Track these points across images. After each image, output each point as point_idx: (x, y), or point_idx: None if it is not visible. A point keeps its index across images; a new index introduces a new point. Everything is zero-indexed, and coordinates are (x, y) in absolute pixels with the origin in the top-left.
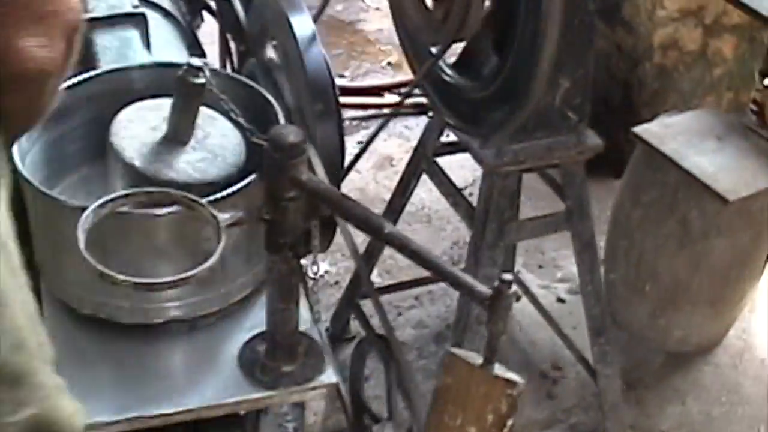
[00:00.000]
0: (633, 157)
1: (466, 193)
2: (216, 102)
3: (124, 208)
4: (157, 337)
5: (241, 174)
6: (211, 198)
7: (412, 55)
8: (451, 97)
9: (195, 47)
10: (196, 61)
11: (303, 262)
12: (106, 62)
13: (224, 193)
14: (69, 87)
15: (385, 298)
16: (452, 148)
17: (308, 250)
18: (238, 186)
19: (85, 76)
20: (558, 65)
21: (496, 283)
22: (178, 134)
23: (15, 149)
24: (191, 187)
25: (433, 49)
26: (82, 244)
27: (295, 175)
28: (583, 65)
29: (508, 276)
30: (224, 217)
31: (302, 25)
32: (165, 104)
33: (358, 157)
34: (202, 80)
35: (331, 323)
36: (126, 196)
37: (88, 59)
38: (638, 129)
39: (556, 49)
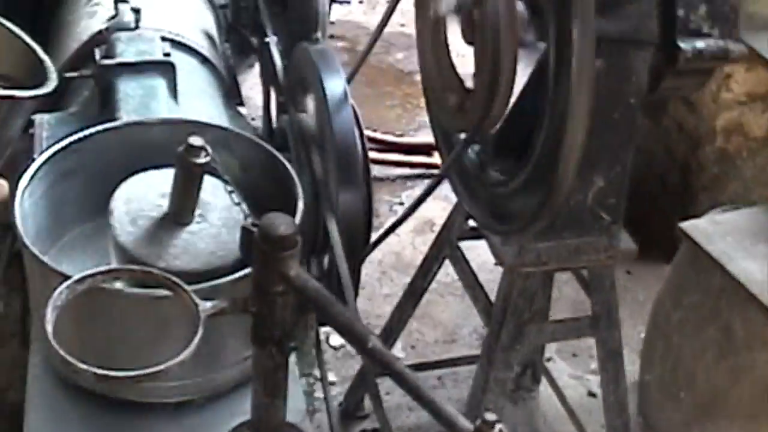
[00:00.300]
0: (678, 253)
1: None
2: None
3: (118, 285)
4: (141, 414)
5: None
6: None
7: (440, 138)
8: (475, 187)
9: (233, 95)
10: (197, 141)
11: (324, 329)
12: (127, 111)
13: (209, 284)
14: (77, 140)
15: None
16: (478, 233)
17: (296, 347)
18: (224, 280)
19: (92, 130)
20: (591, 162)
21: (478, 422)
22: (178, 214)
23: (17, 203)
24: (183, 274)
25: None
26: (49, 326)
27: (282, 269)
28: (619, 162)
29: (491, 416)
30: (205, 306)
31: (334, 86)
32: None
33: (398, 223)
34: (202, 160)
35: (346, 398)
36: (106, 272)
37: (110, 107)
38: (686, 225)
39: (586, 145)
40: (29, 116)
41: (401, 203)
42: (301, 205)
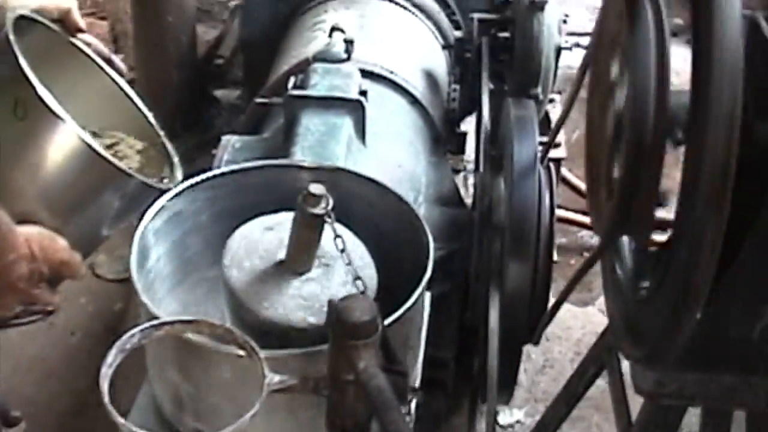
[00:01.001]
0: None
1: None
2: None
3: (191, 336)
4: None
5: None
6: (275, 353)
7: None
8: (615, 289)
9: (440, 142)
10: (317, 189)
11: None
12: (303, 147)
13: (284, 352)
14: (203, 180)
15: None
16: None
17: None
18: (301, 351)
19: (217, 172)
20: (760, 289)
21: None
22: (293, 263)
23: (138, 234)
24: (287, 327)
25: None
26: (106, 368)
27: (352, 358)
28: None
29: None
30: (273, 379)
31: (524, 150)
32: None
33: (556, 307)
34: (320, 211)
35: None
36: (185, 322)
37: (289, 140)
38: None
39: (751, 269)
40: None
41: None
42: (430, 266)
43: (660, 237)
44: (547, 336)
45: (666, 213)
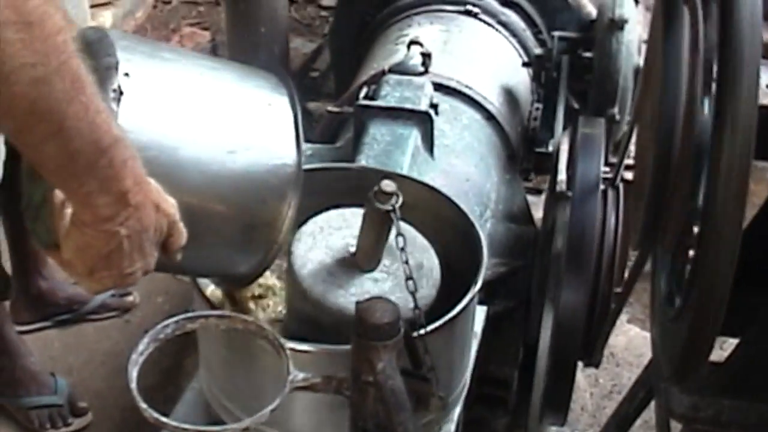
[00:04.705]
0: None
1: None
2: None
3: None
4: None
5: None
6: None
7: None
8: (657, 308)
9: (515, 160)
10: (388, 185)
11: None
12: (367, 156)
13: (307, 347)
14: None
15: None
16: None
17: None
18: (325, 348)
19: None
20: None
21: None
22: (361, 259)
23: None
24: (341, 325)
25: None
26: (136, 356)
27: (372, 358)
28: None
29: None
30: (298, 375)
31: (586, 170)
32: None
33: (610, 327)
34: (388, 208)
35: None
36: (220, 316)
37: (356, 148)
38: None
39: None
40: None
41: None
42: (480, 279)
43: None
44: (618, 361)
45: None
